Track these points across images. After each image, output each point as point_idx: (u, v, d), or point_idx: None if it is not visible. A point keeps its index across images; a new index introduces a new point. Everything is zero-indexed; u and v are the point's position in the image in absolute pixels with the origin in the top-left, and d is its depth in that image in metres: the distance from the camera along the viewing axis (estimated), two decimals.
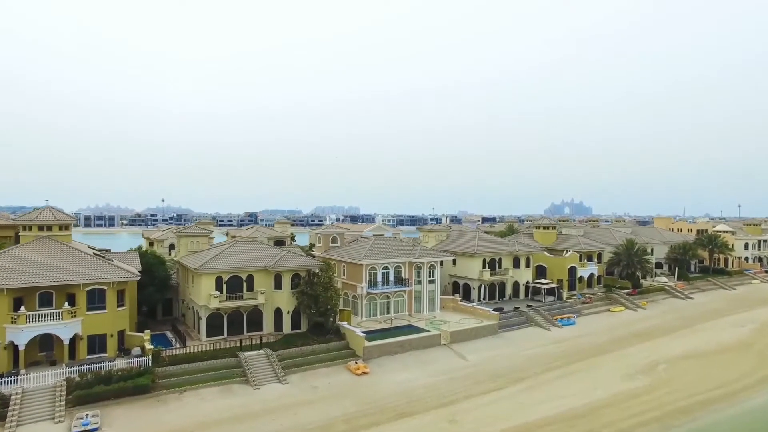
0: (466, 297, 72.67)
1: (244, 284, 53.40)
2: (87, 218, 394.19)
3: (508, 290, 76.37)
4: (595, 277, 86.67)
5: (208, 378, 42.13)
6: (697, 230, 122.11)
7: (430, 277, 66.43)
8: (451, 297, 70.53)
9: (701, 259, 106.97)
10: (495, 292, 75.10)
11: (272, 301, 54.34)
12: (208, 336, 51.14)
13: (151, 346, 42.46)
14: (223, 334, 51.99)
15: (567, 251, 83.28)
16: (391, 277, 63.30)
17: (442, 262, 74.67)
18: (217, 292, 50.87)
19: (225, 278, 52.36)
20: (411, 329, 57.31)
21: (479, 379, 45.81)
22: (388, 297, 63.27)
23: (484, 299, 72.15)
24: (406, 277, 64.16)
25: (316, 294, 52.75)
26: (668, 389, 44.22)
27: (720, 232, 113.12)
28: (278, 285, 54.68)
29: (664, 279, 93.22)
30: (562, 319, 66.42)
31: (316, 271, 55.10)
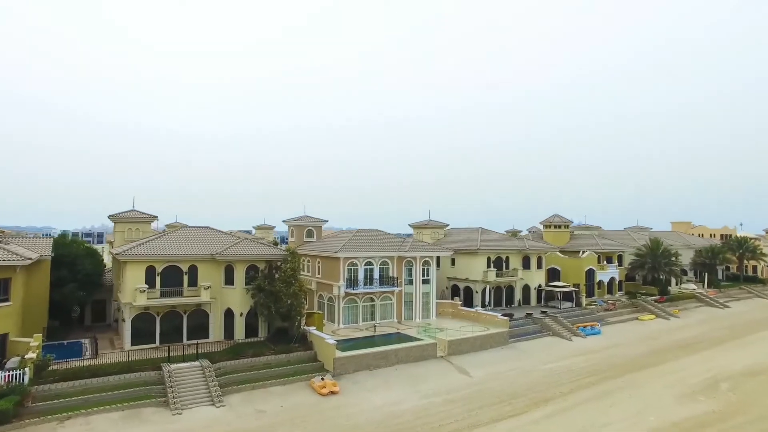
0: (468, 303, 60.97)
1: (185, 277, 41.83)
2: (75, 234, 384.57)
3: (517, 295, 64.62)
4: (616, 282, 75.05)
5: (113, 399, 30.25)
6: (721, 235, 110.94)
7: (423, 275, 54.79)
8: (450, 301, 58.87)
9: (728, 265, 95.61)
10: (502, 297, 63.37)
11: (221, 300, 42.68)
12: (134, 343, 39.33)
13: (33, 356, 30.63)
14: (154, 342, 40.18)
15: (584, 251, 71.90)
16: (376, 275, 51.66)
17: (438, 259, 63.35)
18: (146, 286, 39.21)
19: (159, 269, 40.78)
20: (399, 338, 45.55)
21: (487, 400, 33.97)
22: (371, 299, 51.55)
23: (488, 305, 60.42)
24: (395, 276, 52.54)
25: (276, 290, 41.15)
26: (747, 416, 32.35)
27: (747, 238, 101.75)
28: (229, 279, 43.12)
29: (692, 285, 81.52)
30: (584, 327, 54.68)
31: (278, 262, 43.60)
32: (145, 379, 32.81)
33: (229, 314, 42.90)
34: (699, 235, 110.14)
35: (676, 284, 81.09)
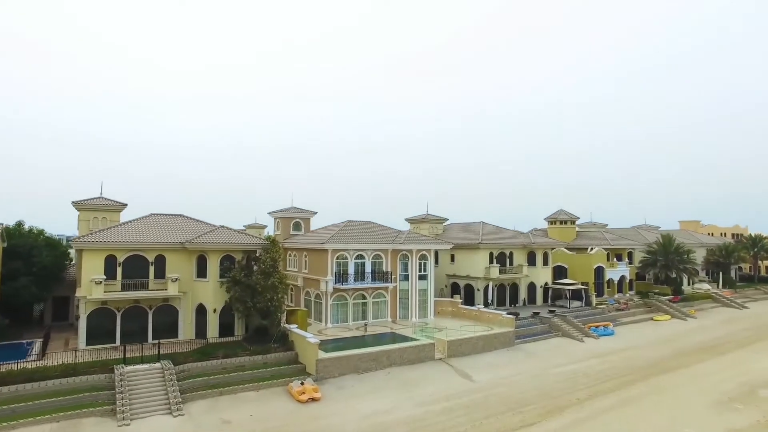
0: (469, 302, 56.19)
1: (151, 268, 37.12)
2: (69, 239, 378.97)
3: (522, 294, 59.90)
4: (627, 281, 70.38)
5: (49, 407, 25.43)
6: (732, 234, 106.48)
7: (420, 271, 50.11)
8: (450, 299, 54.16)
9: (740, 266, 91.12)
10: (505, 295, 58.65)
11: (192, 295, 37.98)
12: (90, 343, 34.53)
13: None
14: (114, 341, 35.36)
15: (592, 248, 67.27)
16: (368, 270, 46.96)
17: (437, 256, 58.79)
18: (103, 277, 34.45)
19: (120, 258, 36.07)
20: (393, 338, 40.81)
21: (493, 408, 29.20)
22: (363, 296, 46.80)
23: (491, 304, 55.66)
24: (389, 270, 47.84)
25: (253, 283, 36.44)
26: None
27: (761, 236, 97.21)
28: (202, 272, 38.42)
29: (706, 285, 76.90)
30: (597, 328, 49.99)
31: (257, 253, 38.94)
32: (93, 383, 28.02)
33: (201, 311, 38.17)
34: (709, 234, 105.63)
35: (689, 284, 76.54)
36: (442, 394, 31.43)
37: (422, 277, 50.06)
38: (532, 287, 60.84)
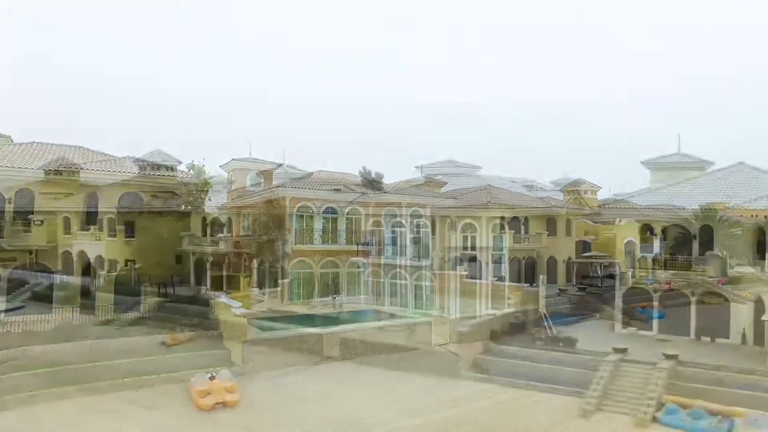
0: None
1: (8, 208, 24.91)
2: None
3: (540, 270, 47.99)
4: (662, 259, 58.75)
5: None
6: (765, 216, 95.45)
7: (413, 233, 38.14)
8: (452, 272, 42.22)
9: None
10: (520, 271, 46.62)
11: (78, 247, 25.81)
12: None
13: None
14: None
15: (620, 219, 55.58)
16: (342, 227, 34.97)
17: (433, 221, 46.77)
18: None
19: None
20: (374, 316, 28.86)
21: (533, 420, 17.28)
22: (335, 264, 34.74)
23: (504, 279, 43.72)
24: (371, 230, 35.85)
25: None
26: None
27: None
28: (91, 216, 26.27)
29: (749, 269, 65.36)
30: (644, 308, 38.34)
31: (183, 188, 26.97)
32: None
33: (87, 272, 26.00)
34: (739, 216, 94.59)
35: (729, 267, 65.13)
36: (444, 395, 19.50)
37: (415, 242, 38.05)
38: (552, 263, 48.96)
